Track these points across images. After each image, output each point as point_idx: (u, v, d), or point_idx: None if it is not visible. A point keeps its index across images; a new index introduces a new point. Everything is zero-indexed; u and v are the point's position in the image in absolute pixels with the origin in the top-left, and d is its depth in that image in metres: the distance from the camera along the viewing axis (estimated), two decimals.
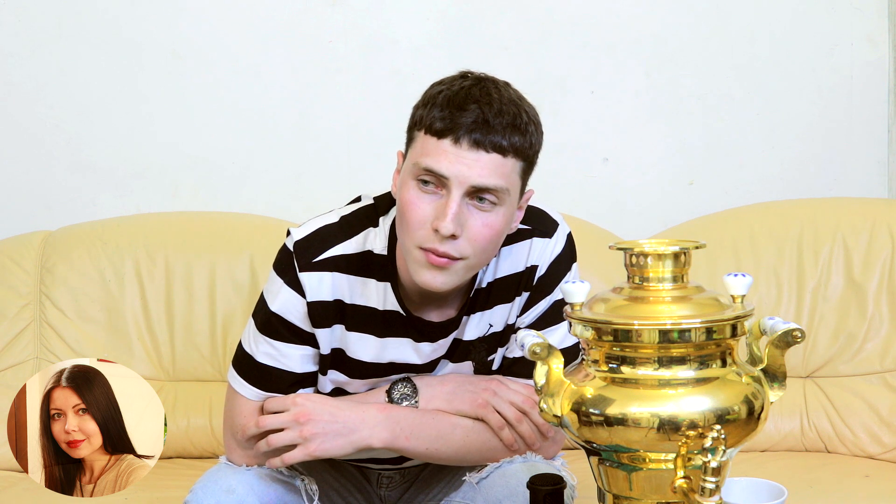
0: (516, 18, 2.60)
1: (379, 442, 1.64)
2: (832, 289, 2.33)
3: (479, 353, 1.73)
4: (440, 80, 1.60)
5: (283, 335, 1.68)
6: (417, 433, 1.66)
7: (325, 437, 1.63)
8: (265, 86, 2.61)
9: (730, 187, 2.64)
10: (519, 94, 1.60)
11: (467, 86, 1.55)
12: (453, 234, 1.53)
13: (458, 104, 1.52)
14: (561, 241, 1.71)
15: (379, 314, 1.67)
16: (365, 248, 1.67)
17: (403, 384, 1.70)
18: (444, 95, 1.54)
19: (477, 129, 1.51)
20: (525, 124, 1.55)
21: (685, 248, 1.27)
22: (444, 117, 1.52)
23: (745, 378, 1.26)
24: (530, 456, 1.70)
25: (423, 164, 1.53)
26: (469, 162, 1.51)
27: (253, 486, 1.65)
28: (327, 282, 1.65)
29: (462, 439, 1.68)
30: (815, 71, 2.62)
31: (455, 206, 1.52)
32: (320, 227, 1.68)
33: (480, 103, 1.52)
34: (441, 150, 1.52)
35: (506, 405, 1.69)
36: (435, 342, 1.70)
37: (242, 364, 1.71)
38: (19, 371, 2.33)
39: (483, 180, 1.52)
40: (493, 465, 1.68)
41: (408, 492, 1.89)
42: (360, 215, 1.70)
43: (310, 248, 1.66)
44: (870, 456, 2.24)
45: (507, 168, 1.54)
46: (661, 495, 1.25)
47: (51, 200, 2.62)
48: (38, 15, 2.58)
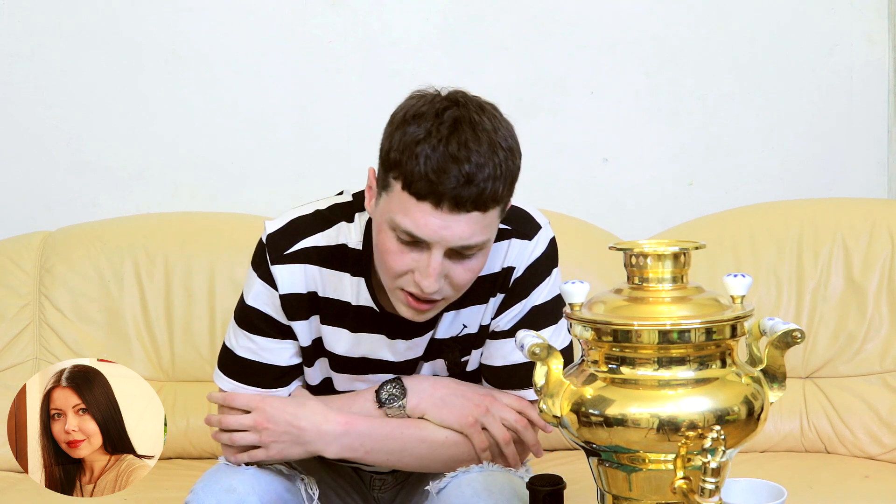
0: (516, 18, 2.60)
1: (332, 454, 1.66)
2: (832, 289, 2.33)
3: (453, 353, 1.72)
4: (414, 114, 1.51)
5: (262, 329, 1.68)
6: (378, 448, 1.66)
7: (283, 445, 1.66)
8: (265, 86, 2.61)
9: (730, 187, 2.63)
10: (495, 122, 1.52)
11: (445, 135, 1.47)
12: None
13: (439, 167, 1.46)
14: (542, 244, 1.68)
15: (352, 309, 1.67)
16: (339, 242, 1.66)
17: (393, 385, 1.70)
18: (423, 154, 1.47)
19: (458, 189, 1.46)
20: (504, 167, 1.49)
21: (685, 249, 1.27)
22: (423, 179, 1.47)
23: (745, 379, 1.26)
24: (486, 465, 1.68)
25: (403, 226, 1.50)
26: (450, 224, 1.48)
27: (254, 486, 1.65)
28: (299, 274, 1.65)
29: (426, 453, 1.68)
30: (814, 71, 2.62)
31: (437, 265, 1.51)
32: (293, 219, 1.68)
33: (460, 162, 1.46)
34: (421, 213, 1.48)
35: (497, 425, 1.68)
36: (409, 340, 1.69)
37: (224, 360, 1.72)
38: (19, 371, 2.33)
39: (464, 241, 1.50)
40: (451, 474, 1.66)
41: (400, 494, 1.89)
42: (336, 209, 1.69)
43: (281, 241, 1.65)
44: (869, 456, 2.24)
45: (488, 219, 1.51)
46: (660, 496, 1.25)
47: (50, 201, 2.62)
48: (38, 15, 2.58)
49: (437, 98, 1.53)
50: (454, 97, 1.53)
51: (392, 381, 1.70)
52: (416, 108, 1.52)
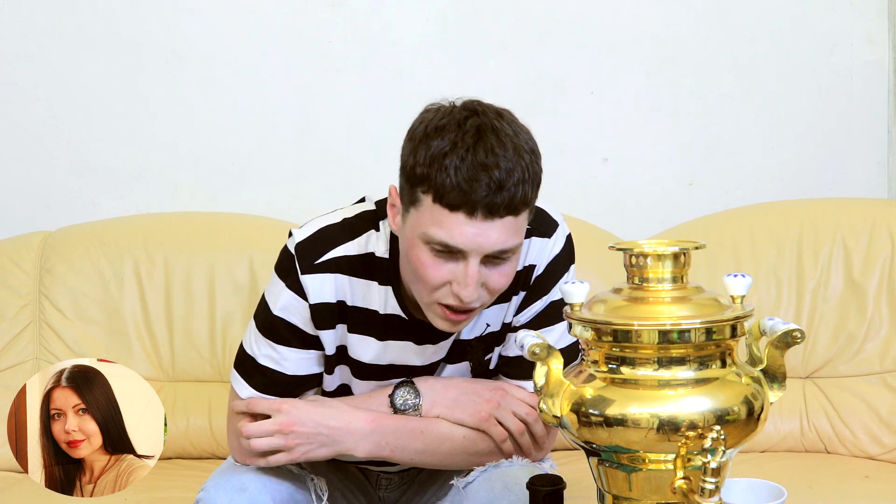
0: (516, 18, 2.60)
1: (362, 453, 1.67)
2: (832, 289, 2.33)
3: (477, 353, 1.73)
4: (435, 127, 1.51)
5: (286, 339, 1.67)
6: (403, 446, 1.68)
7: (310, 446, 1.65)
8: (265, 86, 2.61)
9: (730, 187, 2.63)
10: (515, 126, 1.54)
11: (471, 144, 1.48)
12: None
13: (469, 176, 1.47)
14: (560, 241, 1.71)
15: (380, 318, 1.67)
16: (367, 251, 1.66)
17: (406, 389, 1.70)
18: (452, 165, 1.48)
19: (490, 196, 1.48)
20: (531, 170, 1.51)
21: (685, 249, 1.27)
22: (455, 190, 1.47)
23: (745, 379, 1.26)
24: (517, 459, 1.70)
25: (437, 238, 1.50)
26: (485, 231, 1.49)
27: (265, 485, 1.65)
28: (329, 283, 1.65)
29: (449, 450, 1.69)
30: (814, 71, 2.62)
31: (474, 273, 1.52)
32: (322, 228, 1.67)
33: (489, 169, 1.47)
34: (455, 223, 1.49)
35: (510, 417, 1.70)
36: (436, 344, 1.70)
37: (244, 366, 1.71)
38: (19, 371, 2.33)
39: (500, 246, 1.51)
40: (480, 469, 1.69)
41: (406, 493, 1.89)
42: (363, 217, 1.69)
43: (312, 250, 1.65)
44: (869, 456, 2.24)
45: (519, 222, 1.53)
46: (660, 496, 1.25)
47: (50, 201, 2.62)
48: (38, 15, 2.58)
49: (455, 109, 1.54)
50: (471, 106, 1.54)
51: (404, 384, 1.71)
52: (435, 121, 1.52)
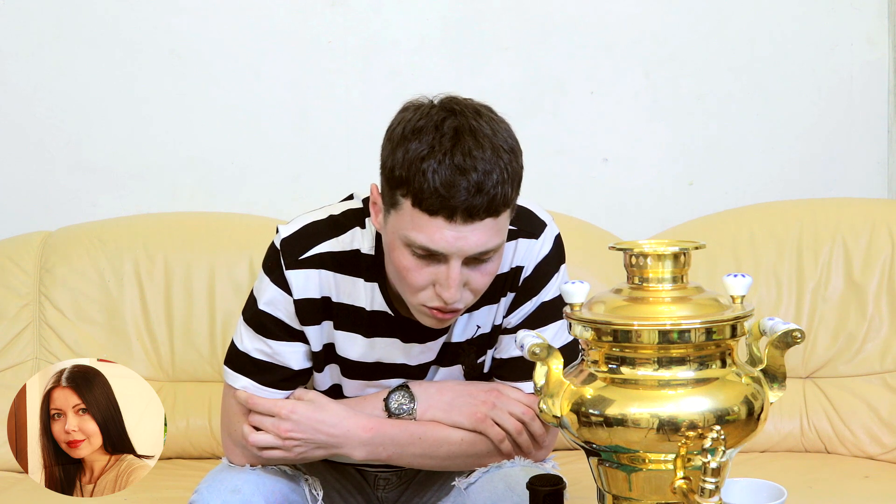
0: (516, 18, 2.60)
1: (360, 458, 1.68)
2: (832, 289, 2.33)
3: (469, 356, 1.73)
4: (413, 129, 1.50)
5: (274, 333, 1.68)
6: (401, 451, 1.68)
7: (307, 448, 1.67)
8: (264, 86, 2.61)
9: (730, 188, 2.63)
10: (493, 124, 1.52)
11: (448, 148, 1.47)
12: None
13: (447, 181, 1.46)
14: (548, 242, 1.69)
15: (366, 314, 1.67)
16: (353, 247, 1.66)
17: (401, 393, 1.70)
18: (429, 169, 1.46)
19: (469, 200, 1.47)
20: (510, 170, 1.50)
21: (685, 249, 1.27)
22: (434, 195, 1.46)
23: (745, 379, 1.26)
24: (519, 460, 1.70)
25: (418, 242, 1.50)
26: (465, 234, 1.49)
27: (259, 486, 1.65)
28: (314, 279, 1.65)
29: (447, 453, 1.70)
30: (815, 71, 2.62)
31: (456, 275, 1.51)
32: (307, 224, 1.68)
33: (467, 172, 1.46)
34: (435, 227, 1.48)
35: (506, 417, 1.69)
36: (423, 343, 1.69)
37: (237, 361, 1.71)
38: (19, 371, 2.32)
39: (481, 247, 1.51)
40: (482, 470, 1.69)
41: (404, 493, 1.89)
42: (349, 214, 1.69)
43: (296, 246, 1.65)
44: (870, 456, 2.24)
45: (500, 223, 1.52)
46: (660, 496, 1.25)
47: (50, 201, 2.62)
48: (37, 15, 2.58)
49: (433, 109, 1.52)
50: (449, 105, 1.53)
51: (399, 389, 1.71)
52: (413, 121, 1.51)
